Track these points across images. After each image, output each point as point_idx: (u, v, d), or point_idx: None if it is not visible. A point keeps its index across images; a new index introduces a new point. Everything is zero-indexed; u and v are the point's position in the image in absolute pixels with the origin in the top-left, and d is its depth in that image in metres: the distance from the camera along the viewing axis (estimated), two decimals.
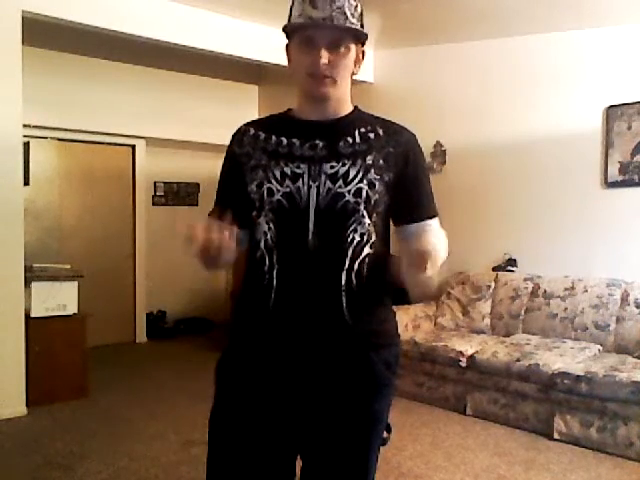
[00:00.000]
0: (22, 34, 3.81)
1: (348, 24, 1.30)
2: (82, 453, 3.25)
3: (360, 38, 1.35)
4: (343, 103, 1.40)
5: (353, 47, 1.34)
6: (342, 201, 1.31)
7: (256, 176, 1.36)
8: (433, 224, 1.42)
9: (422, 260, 1.14)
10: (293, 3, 1.35)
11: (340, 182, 1.32)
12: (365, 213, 1.32)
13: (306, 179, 1.32)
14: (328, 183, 1.32)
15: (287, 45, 1.40)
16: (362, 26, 1.35)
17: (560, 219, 4.38)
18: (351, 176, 1.32)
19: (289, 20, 1.36)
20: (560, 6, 4.02)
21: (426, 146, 5.48)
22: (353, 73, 1.39)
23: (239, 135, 1.44)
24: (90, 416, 3.91)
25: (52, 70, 5.29)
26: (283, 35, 1.40)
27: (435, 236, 1.31)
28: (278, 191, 1.32)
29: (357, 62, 1.38)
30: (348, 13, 1.29)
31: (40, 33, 4.40)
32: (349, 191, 1.31)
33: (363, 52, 1.39)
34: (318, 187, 1.32)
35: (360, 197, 1.31)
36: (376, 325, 1.39)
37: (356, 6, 1.32)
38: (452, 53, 4.99)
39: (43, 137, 5.51)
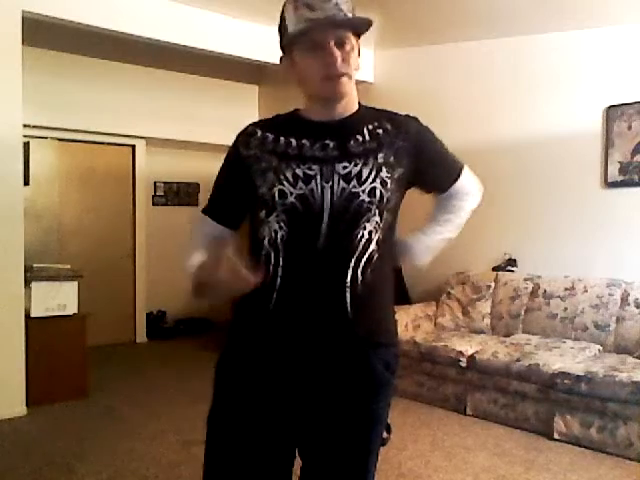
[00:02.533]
0: (22, 34, 3.81)
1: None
2: (82, 453, 3.25)
3: (360, 30, 1.32)
4: (351, 101, 1.38)
5: (355, 42, 1.32)
6: (357, 201, 1.30)
7: (267, 178, 1.33)
8: (461, 181, 1.55)
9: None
10: (283, 19, 1.32)
11: (354, 182, 1.31)
12: (377, 212, 1.32)
13: (319, 180, 1.31)
14: (342, 183, 1.31)
15: (282, 58, 1.37)
16: None
17: (560, 219, 4.38)
18: (364, 176, 1.32)
19: (284, 34, 1.32)
20: (560, 6, 4.02)
21: None
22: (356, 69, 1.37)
23: (245, 136, 1.40)
24: (90, 416, 3.92)
25: (52, 70, 5.29)
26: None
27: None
28: (291, 193, 1.30)
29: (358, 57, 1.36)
30: (344, 9, 1.28)
31: (40, 33, 4.40)
32: (364, 190, 1.31)
33: (359, 48, 1.37)
34: (332, 187, 1.30)
35: (374, 197, 1.31)
36: (377, 324, 1.39)
37: (347, 1, 1.30)
38: (452, 53, 4.99)
39: (43, 137, 5.52)
